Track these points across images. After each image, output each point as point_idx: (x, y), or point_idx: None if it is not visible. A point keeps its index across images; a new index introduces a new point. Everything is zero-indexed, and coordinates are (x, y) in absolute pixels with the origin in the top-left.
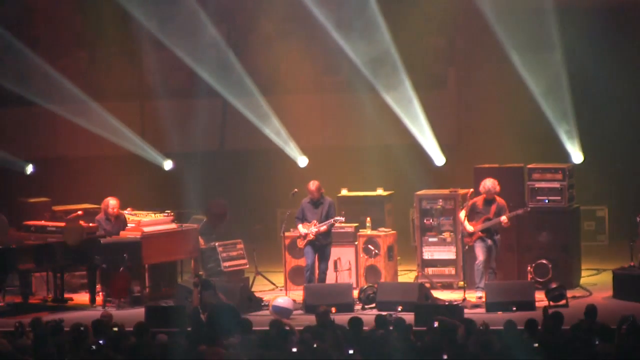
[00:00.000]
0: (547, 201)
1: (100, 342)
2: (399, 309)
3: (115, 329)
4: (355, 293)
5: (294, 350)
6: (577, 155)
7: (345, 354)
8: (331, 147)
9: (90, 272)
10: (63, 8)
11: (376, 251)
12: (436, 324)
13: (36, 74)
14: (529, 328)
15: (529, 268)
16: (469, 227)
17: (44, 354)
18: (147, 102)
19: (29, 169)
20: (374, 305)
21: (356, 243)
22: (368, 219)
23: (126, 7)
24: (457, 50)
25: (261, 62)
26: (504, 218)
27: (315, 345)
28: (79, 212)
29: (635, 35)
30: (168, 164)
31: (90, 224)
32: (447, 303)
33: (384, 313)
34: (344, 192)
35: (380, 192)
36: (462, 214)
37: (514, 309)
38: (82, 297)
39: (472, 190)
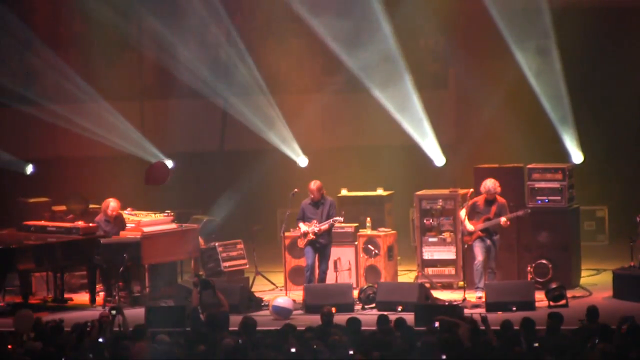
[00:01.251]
0: (547, 201)
1: (100, 340)
2: (399, 309)
3: (114, 312)
4: (355, 293)
5: (293, 350)
6: (577, 155)
7: (346, 355)
8: (331, 147)
9: (90, 272)
10: (63, 8)
11: (376, 251)
12: (436, 324)
13: (36, 74)
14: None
15: (529, 268)
16: (469, 227)
17: (44, 354)
18: (147, 102)
19: (29, 169)
20: (374, 305)
21: (356, 243)
22: (368, 219)
23: (126, 7)
24: (457, 50)
25: (261, 62)
26: (503, 219)
27: (315, 346)
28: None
29: (636, 34)
30: (168, 164)
31: (90, 224)
32: (447, 303)
33: (385, 313)
34: (344, 192)
35: (380, 192)
36: (463, 213)
37: (514, 309)
38: (82, 297)
39: (472, 190)
